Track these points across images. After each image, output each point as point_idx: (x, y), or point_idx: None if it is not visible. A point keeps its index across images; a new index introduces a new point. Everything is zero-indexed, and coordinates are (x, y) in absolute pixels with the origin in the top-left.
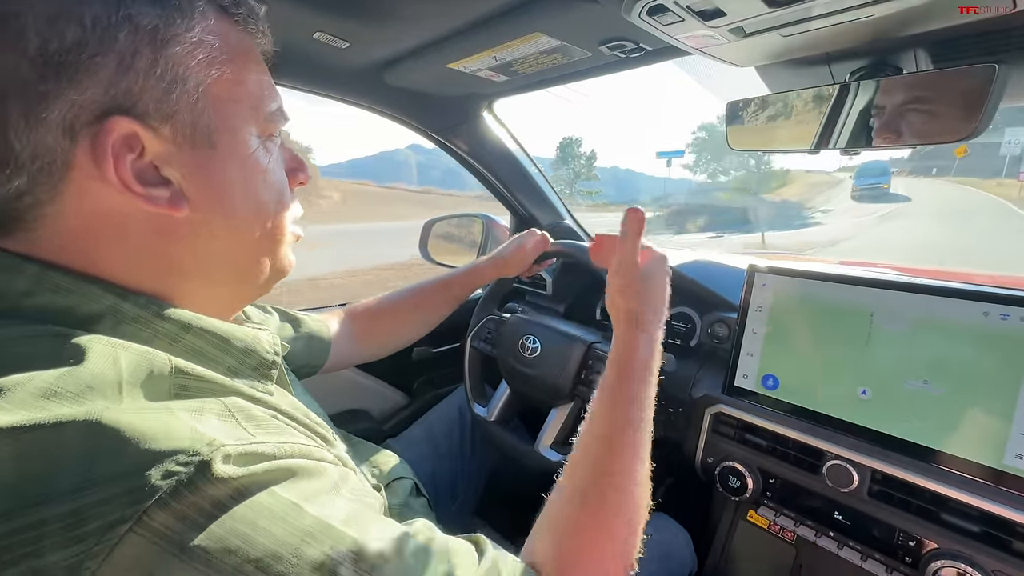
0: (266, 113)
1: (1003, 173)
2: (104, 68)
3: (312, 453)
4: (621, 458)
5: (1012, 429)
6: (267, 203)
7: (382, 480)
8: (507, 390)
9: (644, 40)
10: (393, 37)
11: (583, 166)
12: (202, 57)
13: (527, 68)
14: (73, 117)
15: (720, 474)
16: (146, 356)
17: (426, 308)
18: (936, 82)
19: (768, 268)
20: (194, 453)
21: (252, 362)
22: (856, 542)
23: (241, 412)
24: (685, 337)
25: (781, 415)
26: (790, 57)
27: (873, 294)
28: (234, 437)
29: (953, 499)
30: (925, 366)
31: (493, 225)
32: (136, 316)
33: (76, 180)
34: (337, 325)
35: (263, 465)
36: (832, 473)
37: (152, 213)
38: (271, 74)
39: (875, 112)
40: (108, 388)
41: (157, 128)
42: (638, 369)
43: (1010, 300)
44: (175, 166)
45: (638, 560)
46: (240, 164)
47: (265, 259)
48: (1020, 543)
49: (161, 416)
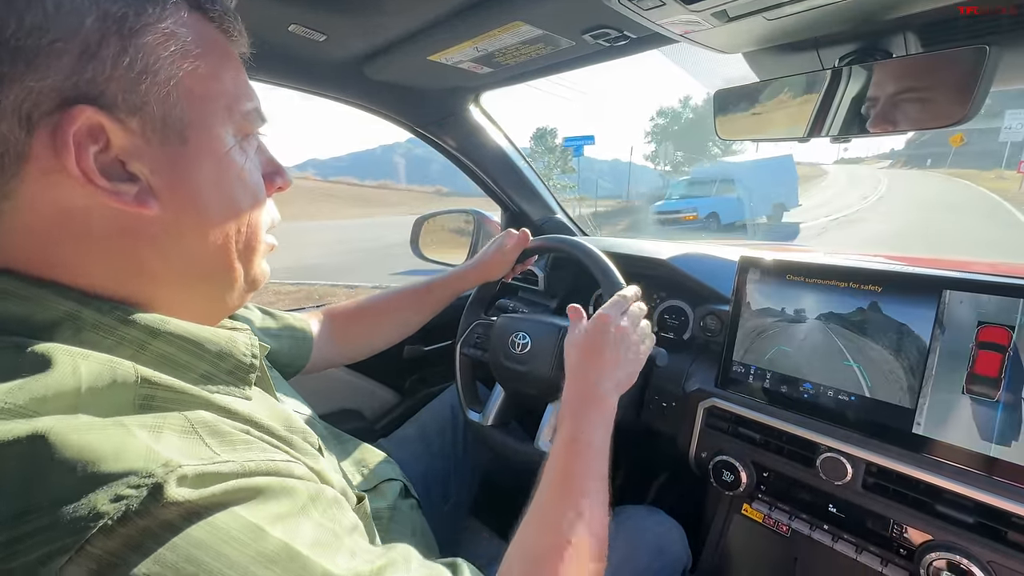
0: (242, 112)
1: (1003, 163)
2: (66, 54)
3: (281, 470)
4: (576, 561)
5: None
6: (241, 205)
7: (370, 482)
8: (501, 393)
9: (627, 28)
10: (372, 29)
11: (558, 158)
12: (174, 49)
13: (511, 59)
14: (31, 105)
15: (714, 468)
16: (109, 365)
17: (404, 312)
18: (927, 66)
19: (760, 260)
20: (147, 475)
21: (227, 366)
22: (851, 535)
23: (206, 427)
24: (678, 331)
25: (774, 408)
26: (777, 43)
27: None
28: (194, 456)
29: (947, 490)
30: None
31: (484, 220)
32: (97, 323)
33: (33, 174)
34: (317, 325)
35: (223, 485)
36: (826, 466)
37: (117, 211)
38: (245, 69)
39: (866, 98)
40: (63, 401)
41: (124, 120)
42: (595, 453)
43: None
44: (143, 161)
45: (632, 555)
46: (214, 162)
47: (238, 265)
48: (1015, 533)
49: (114, 434)
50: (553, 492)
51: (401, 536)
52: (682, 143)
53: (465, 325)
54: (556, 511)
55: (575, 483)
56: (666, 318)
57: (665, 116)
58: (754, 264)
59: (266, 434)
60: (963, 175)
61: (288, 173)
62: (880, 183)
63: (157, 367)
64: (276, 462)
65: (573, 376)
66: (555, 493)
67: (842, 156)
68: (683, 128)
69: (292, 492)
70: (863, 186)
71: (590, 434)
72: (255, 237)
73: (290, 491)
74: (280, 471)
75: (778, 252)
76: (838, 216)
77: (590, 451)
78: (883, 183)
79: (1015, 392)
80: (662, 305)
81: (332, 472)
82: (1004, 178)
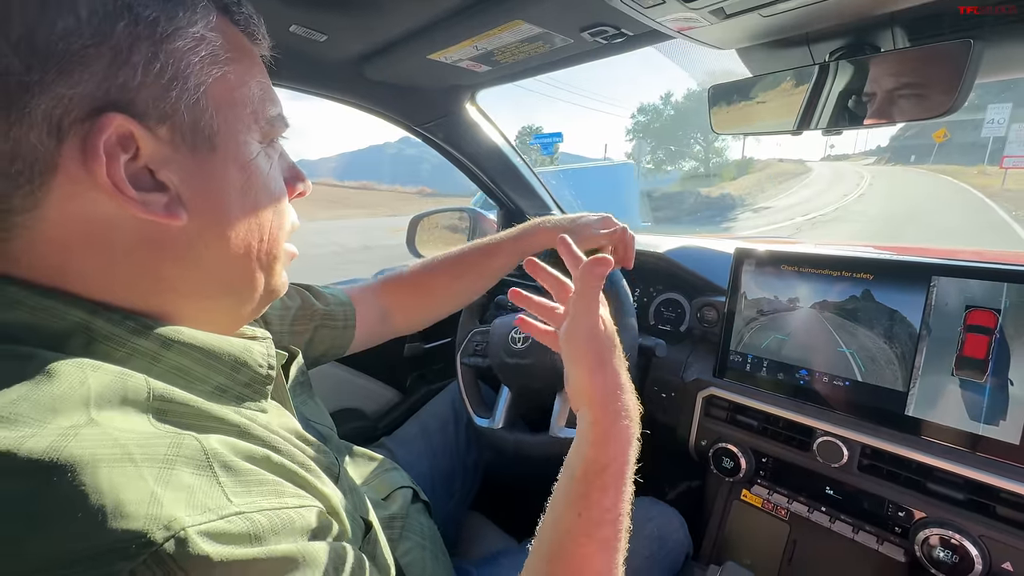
0: (267, 118)
1: (985, 159)
2: (98, 60)
3: (296, 524)
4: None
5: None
6: (265, 213)
7: (382, 492)
8: (507, 394)
9: (625, 25)
10: (372, 28)
11: (546, 156)
12: (205, 54)
13: (509, 57)
14: (62, 113)
15: (714, 455)
16: (119, 378)
17: (470, 277)
18: (914, 60)
19: (755, 251)
20: (145, 541)
21: (243, 377)
22: (848, 516)
23: (220, 461)
24: (675, 323)
25: (771, 395)
26: (770, 38)
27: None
28: (203, 506)
29: (939, 468)
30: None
31: (481, 219)
32: (109, 334)
33: (60, 184)
34: (366, 301)
35: (240, 552)
36: (823, 449)
37: (144, 221)
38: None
39: (855, 91)
40: (70, 416)
41: (154, 128)
42: (615, 477)
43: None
44: (173, 170)
45: (633, 545)
46: (240, 170)
47: (260, 275)
48: (1004, 508)
49: (118, 476)
50: (578, 529)
51: (412, 541)
52: (664, 140)
53: (462, 336)
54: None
55: (605, 518)
56: (663, 310)
57: (646, 113)
58: (749, 255)
59: (285, 458)
60: (946, 171)
61: (308, 180)
62: (863, 180)
63: (171, 380)
64: (288, 510)
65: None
66: (579, 531)
67: (829, 153)
68: (664, 125)
69: (315, 564)
70: (845, 183)
71: (622, 461)
72: (276, 246)
73: (312, 563)
74: (295, 527)
75: (774, 244)
76: (814, 215)
77: (620, 480)
78: (865, 180)
79: (1001, 373)
80: (659, 298)
81: (341, 504)
82: (987, 174)
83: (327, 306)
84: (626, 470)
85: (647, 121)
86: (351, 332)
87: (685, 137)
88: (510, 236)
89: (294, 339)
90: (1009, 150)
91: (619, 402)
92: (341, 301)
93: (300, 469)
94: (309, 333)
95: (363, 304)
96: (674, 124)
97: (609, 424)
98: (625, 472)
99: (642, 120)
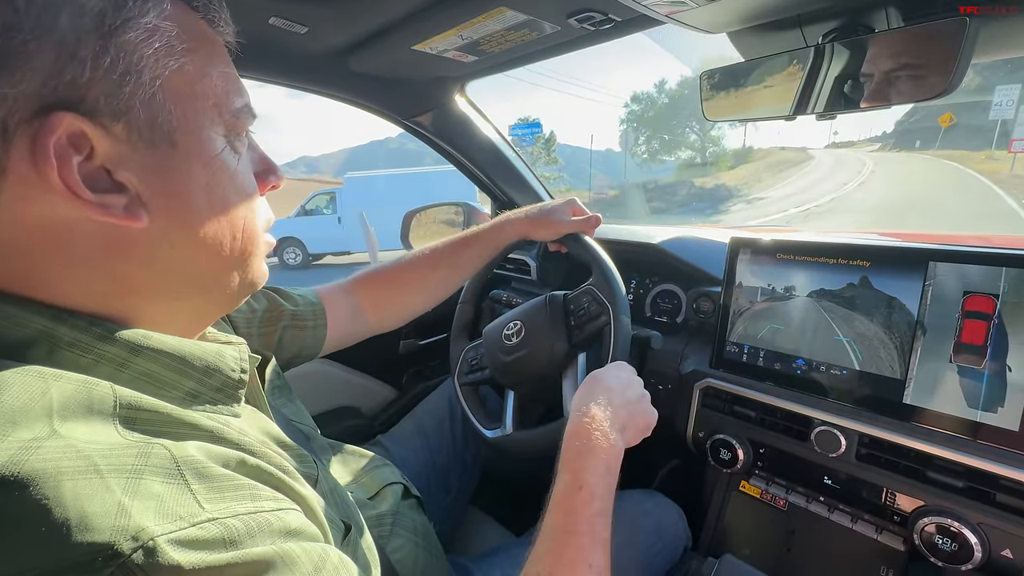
0: (232, 109)
1: (993, 143)
2: (41, 56)
3: (274, 526)
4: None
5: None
6: (236, 210)
7: (371, 489)
8: (513, 396)
9: (613, 10)
10: (354, 19)
11: (541, 148)
12: (159, 46)
13: (496, 46)
14: (5, 113)
15: (711, 447)
16: (83, 387)
17: (440, 271)
18: (909, 39)
19: (751, 240)
20: (112, 553)
21: (215, 382)
22: (846, 505)
23: (192, 467)
24: (671, 314)
25: (769, 385)
26: (761, 20)
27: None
28: (174, 514)
29: (937, 456)
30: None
31: (474, 212)
32: (74, 341)
33: (12, 187)
34: (337, 300)
35: (215, 557)
36: (820, 439)
37: (103, 224)
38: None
39: (850, 74)
40: (30, 428)
41: (108, 126)
42: (597, 512)
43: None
44: (131, 169)
45: (632, 538)
46: (205, 166)
47: (234, 273)
48: (1003, 495)
49: (82, 488)
50: (555, 551)
51: (404, 538)
52: (659, 129)
53: (455, 358)
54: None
55: (583, 542)
56: (659, 302)
57: (639, 102)
58: (745, 244)
59: (261, 460)
60: (952, 156)
61: (280, 170)
62: (864, 168)
63: (140, 387)
64: (265, 513)
65: (579, 408)
66: (557, 552)
67: (833, 140)
68: (659, 113)
69: (293, 565)
70: (846, 171)
71: (594, 483)
72: (251, 241)
73: (291, 564)
74: (272, 529)
75: (769, 232)
76: (808, 207)
77: (595, 502)
78: (867, 168)
79: (999, 359)
80: (655, 289)
81: (320, 506)
82: (995, 159)
83: (296, 307)
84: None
85: (641, 110)
86: (322, 332)
87: (680, 126)
88: (483, 229)
89: (263, 341)
90: (1018, 133)
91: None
92: (310, 301)
93: (277, 471)
94: (278, 334)
95: (334, 303)
96: (668, 112)
97: (583, 446)
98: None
99: (635, 109)
